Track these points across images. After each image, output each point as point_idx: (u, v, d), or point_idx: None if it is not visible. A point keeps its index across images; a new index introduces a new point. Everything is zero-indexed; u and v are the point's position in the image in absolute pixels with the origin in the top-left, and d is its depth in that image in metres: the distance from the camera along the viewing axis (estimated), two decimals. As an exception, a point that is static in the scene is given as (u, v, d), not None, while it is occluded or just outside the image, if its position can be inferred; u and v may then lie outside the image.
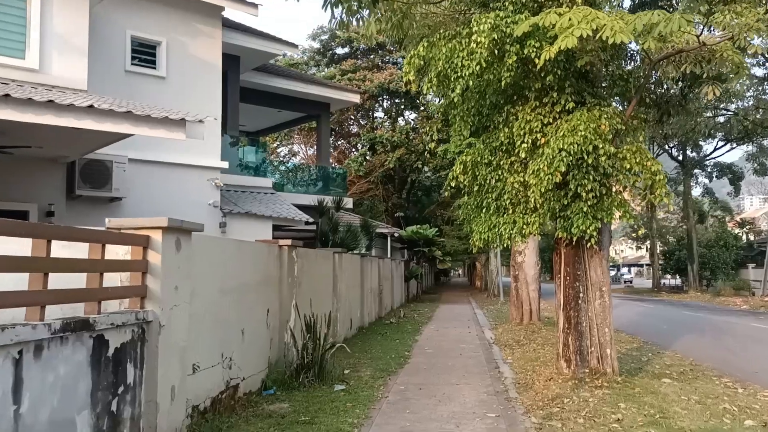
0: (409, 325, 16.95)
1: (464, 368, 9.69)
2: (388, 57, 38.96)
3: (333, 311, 12.25)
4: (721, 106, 29.48)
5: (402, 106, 39.62)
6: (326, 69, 36.19)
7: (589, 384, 7.54)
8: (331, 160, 37.27)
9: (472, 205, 8.46)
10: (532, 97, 7.44)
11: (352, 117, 39.50)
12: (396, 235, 29.50)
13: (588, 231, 6.98)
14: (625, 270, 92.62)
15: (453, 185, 8.22)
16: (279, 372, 8.26)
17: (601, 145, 6.71)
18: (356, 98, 20.10)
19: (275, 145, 40.05)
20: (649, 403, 6.92)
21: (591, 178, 7.05)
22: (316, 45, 38.58)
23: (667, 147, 37.88)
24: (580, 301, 7.80)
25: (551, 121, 7.30)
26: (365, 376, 8.89)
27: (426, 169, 40.89)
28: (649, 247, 47.64)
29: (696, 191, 44.69)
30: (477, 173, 8.00)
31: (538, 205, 7.42)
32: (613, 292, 33.46)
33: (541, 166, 6.85)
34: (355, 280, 15.15)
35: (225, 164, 12.68)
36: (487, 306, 26.26)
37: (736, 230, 46.21)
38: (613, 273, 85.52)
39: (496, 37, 6.45)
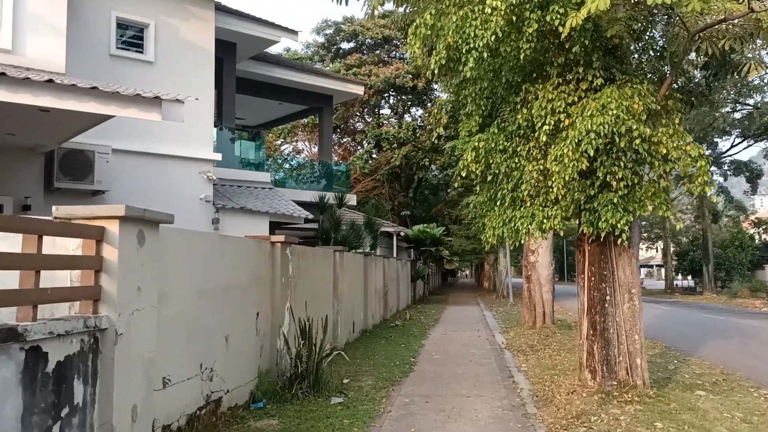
0: (415, 328, 16.11)
1: (475, 377, 8.84)
2: (394, 52, 38.11)
3: (333, 314, 11.43)
4: (740, 100, 28.44)
5: (409, 103, 38.76)
6: (331, 64, 35.37)
7: (617, 398, 6.67)
8: (335, 158, 36.52)
9: (485, 198, 7.61)
10: (554, 73, 6.57)
11: (357, 114, 38.67)
12: (402, 234, 28.64)
13: (619, 225, 6.11)
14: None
15: (463, 175, 7.37)
16: (270, 382, 7.44)
17: (635, 126, 5.84)
18: (360, 90, 19.27)
19: (279, 142, 39.30)
20: (688, 422, 6.05)
21: (622, 164, 6.19)
22: (321, 39, 37.79)
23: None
24: (606, 305, 6.93)
25: (576, 100, 6.43)
26: (366, 387, 8.06)
27: (433, 167, 39.99)
28: (661, 247, 46.40)
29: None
30: (491, 161, 7.14)
31: (560, 197, 6.56)
32: None
33: (565, 151, 5.99)
34: (358, 281, 14.33)
35: (218, 156, 11.89)
36: (496, 308, 25.37)
37: (751, 230, 45.04)
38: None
39: (514, 2, 5.59)
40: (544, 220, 6.57)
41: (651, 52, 6.91)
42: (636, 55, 7.25)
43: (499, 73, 7.00)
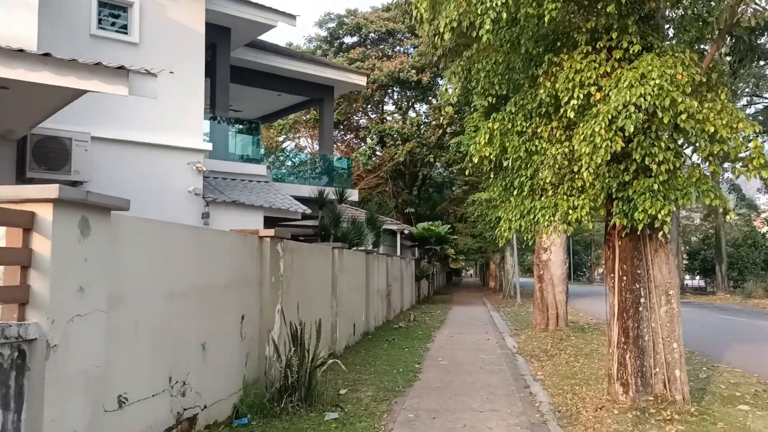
0: (419, 330, 15.25)
1: (487, 387, 7.97)
2: (398, 47, 37.23)
3: (331, 316, 10.59)
4: (757, 93, 27.40)
5: (413, 99, 37.86)
6: (334, 58, 34.48)
7: (654, 416, 5.79)
8: (337, 154, 35.66)
9: (500, 187, 6.75)
10: (582, 40, 5.70)
11: (360, 110, 37.80)
12: (406, 232, 27.78)
13: (660, 215, 5.23)
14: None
15: (475, 161, 6.49)
16: (257, 394, 6.60)
17: (680, 99, 4.96)
18: (362, 81, 18.41)
19: (281, 138, 38.48)
20: (742, 446, 5.17)
21: (663, 145, 5.30)
22: (323, 33, 36.92)
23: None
24: (640, 308, 6.05)
25: (609, 71, 5.56)
26: (366, 399, 7.20)
27: (438, 164, 39.08)
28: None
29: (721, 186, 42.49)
30: (507, 144, 6.27)
31: (588, 184, 5.69)
32: None
33: (597, 129, 5.12)
34: (359, 280, 13.48)
35: (209, 146, 11.06)
36: (503, 308, 24.48)
37: (764, 229, 43.96)
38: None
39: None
40: (570, 211, 5.70)
41: (690, 18, 6.01)
42: (673, 23, 6.36)
43: (517, 44, 6.13)
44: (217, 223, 10.81)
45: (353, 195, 17.37)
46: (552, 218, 5.86)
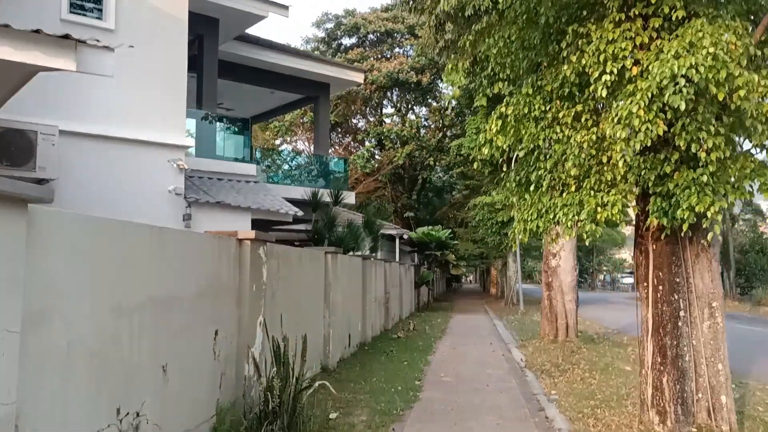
0: (419, 340, 14.35)
1: (496, 409, 7.09)
2: (397, 48, 36.47)
3: (324, 327, 9.71)
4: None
5: (412, 102, 37.04)
6: (332, 59, 33.66)
7: (699, 452, 4.91)
8: (335, 157, 34.81)
9: (513, 182, 5.88)
10: (613, 7, 4.84)
11: (359, 112, 36.98)
12: (405, 237, 26.91)
13: (709, 213, 4.37)
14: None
15: (485, 152, 5.63)
16: (234, 421, 5.71)
17: (737, 72, 4.11)
18: (360, 78, 17.59)
19: (278, 142, 37.65)
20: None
21: (712, 129, 4.44)
22: (321, 33, 36.17)
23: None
24: (680, 323, 5.18)
25: (647, 41, 4.70)
26: (359, 425, 6.32)
27: (438, 168, 38.22)
28: None
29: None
30: (522, 132, 5.41)
31: (619, 177, 4.82)
32: (636, 301, 30.12)
33: (635, 110, 4.27)
34: (355, 288, 12.61)
35: (191, 142, 10.21)
36: (506, 316, 23.56)
37: (769, 235, 43.10)
38: (630, 280, 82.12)
39: None
40: (598, 209, 4.82)
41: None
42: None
43: (534, 15, 5.28)
44: (199, 225, 9.92)
45: (350, 197, 16.50)
46: (576, 217, 4.99)
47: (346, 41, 36.70)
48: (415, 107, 37.71)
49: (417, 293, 25.86)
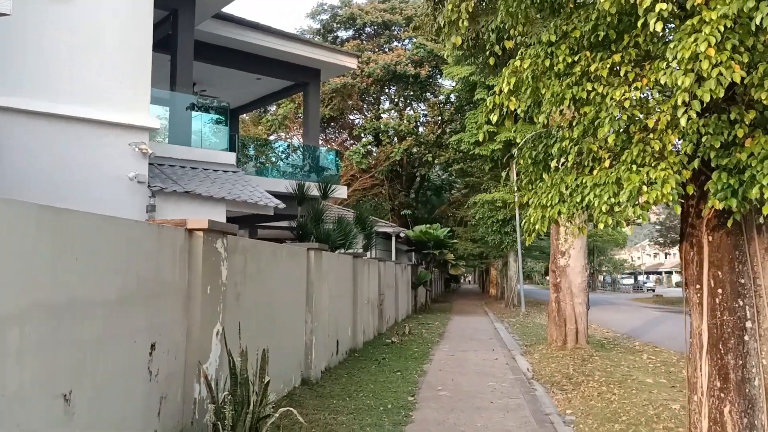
0: (415, 345, 13.18)
1: (503, 436, 5.92)
2: (395, 41, 35.30)
3: (305, 334, 8.54)
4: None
5: (411, 98, 35.83)
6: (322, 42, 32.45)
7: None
8: (325, 146, 33.65)
9: (528, 159, 4.72)
10: None
11: (355, 106, 35.77)
12: (402, 235, 25.74)
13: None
14: (642, 278, 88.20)
15: (494, 120, 4.46)
16: (177, 456, 4.55)
17: None
18: (353, 63, 16.43)
19: (272, 137, 36.44)
20: None
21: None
22: (316, 25, 34.97)
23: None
24: (746, 337, 4.03)
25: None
26: (336, 459, 5.14)
27: (437, 164, 37.01)
28: (672, 252, 43.15)
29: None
30: (542, 91, 4.25)
31: (669, 146, 3.66)
32: (642, 302, 29.09)
33: (703, 48, 3.11)
34: (344, 288, 11.44)
35: (155, 123, 9.02)
36: (507, 318, 22.42)
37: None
38: (630, 281, 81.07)
39: None
40: (643, 188, 3.66)
41: None
42: None
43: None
44: (165, 217, 8.75)
45: (341, 191, 15.34)
46: (612, 200, 3.82)
47: (343, 34, 35.56)
48: (413, 103, 36.52)
49: (414, 294, 24.70)
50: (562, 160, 4.59)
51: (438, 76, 33.69)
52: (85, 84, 8.34)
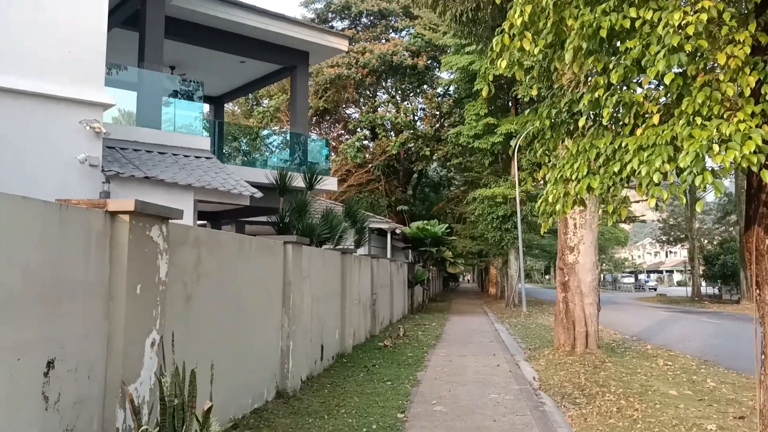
0: (409, 349, 12.11)
1: (510, 468, 4.84)
2: (391, 32, 34.18)
3: (281, 339, 7.46)
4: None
5: (408, 91, 34.68)
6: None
7: None
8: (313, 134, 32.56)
9: (546, 118, 3.64)
10: None
11: (351, 99, 34.62)
12: (398, 231, 24.65)
13: None
14: (643, 276, 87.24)
15: (502, 67, 3.39)
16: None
17: None
18: (344, 45, 15.33)
19: (266, 132, 35.29)
20: None
21: None
22: (310, 15, 33.80)
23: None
24: None
25: None
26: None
27: (435, 159, 35.88)
28: (673, 250, 41.93)
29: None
30: (568, 22, 3.17)
31: (748, 90, 2.58)
32: (646, 302, 27.84)
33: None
34: (331, 288, 10.38)
35: (110, 99, 7.92)
36: (508, 318, 21.37)
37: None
38: (631, 280, 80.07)
39: None
40: (713, 148, 2.58)
41: None
42: None
43: None
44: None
45: (330, 183, 14.25)
46: (668, 166, 2.74)
47: (338, 24, 34.42)
48: (410, 95, 35.39)
49: (410, 293, 23.63)
50: (589, 123, 3.50)
51: (436, 67, 32.60)
52: (29, 54, 7.25)
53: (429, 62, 31.05)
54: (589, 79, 3.36)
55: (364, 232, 14.50)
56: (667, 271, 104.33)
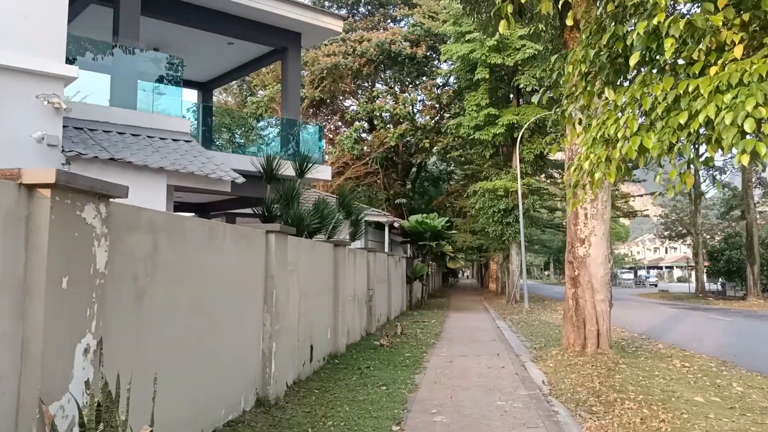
0: (407, 349, 11.32)
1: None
2: (390, 21, 33.27)
3: (263, 341, 6.66)
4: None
5: (407, 82, 33.77)
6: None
7: None
8: (323, 142, 31.76)
9: (583, 63, 2.81)
10: None
11: (348, 91, 33.71)
12: (396, 225, 23.85)
13: None
14: (643, 272, 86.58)
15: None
16: None
17: None
18: (338, 26, 14.49)
19: (261, 124, 34.42)
20: None
21: None
22: (305, 1, 32.85)
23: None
24: None
25: None
26: None
27: (434, 151, 35.00)
28: (673, 246, 40.95)
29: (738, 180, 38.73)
30: None
31: None
32: (649, 298, 26.96)
33: None
34: (322, 283, 9.57)
35: (72, 71, 7.07)
36: (510, 315, 20.59)
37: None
38: (630, 276, 79.32)
39: None
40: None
41: None
42: None
43: None
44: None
45: (323, 172, 13.43)
46: (764, 110, 1.93)
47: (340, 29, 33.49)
48: (409, 86, 34.50)
49: (409, 289, 22.84)
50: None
51: (435, 58, 31.72)
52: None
53: (429, 53, 30.15)
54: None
55: (359, 225, 13.68)
56: (666, 267, 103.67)
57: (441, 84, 33.19)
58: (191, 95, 17.16)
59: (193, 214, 17.85)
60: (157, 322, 4.38)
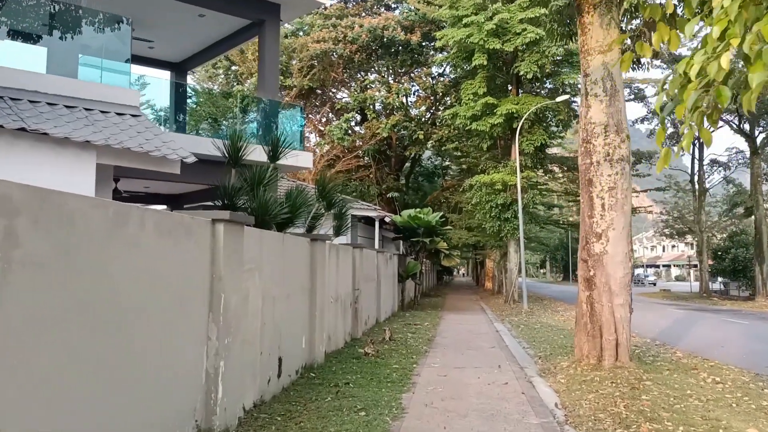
0: (395, 358, 9.93)
1: None
2: (383, 8, 31.81)
3: (206, 358, 5.24)
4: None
5: (401, 72, 32.33)
6: (306, 15, 28.90)
7: None
8: (307, 129, 30.24)
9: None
10: None
11: (339, 81, 32.22)
12: (387, 220, 22.44)
13: None
14: (641, 271, 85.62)
15: None
16: None
17: None
18: (322, -2, 13.08)
19: (250, 118, 32.96)
20: None
21: None
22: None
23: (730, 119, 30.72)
24: None
25: None
26: None
27: (429, 144, 33.57)
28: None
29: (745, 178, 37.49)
30: None
31: None
32: (651, 298, 25.34)
33: None
34: (294, 283, 8.16)
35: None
36: (508, 317, 19.23)
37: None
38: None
39: None
40: None
41: None
42: None
43: None
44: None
45: (302, 158, 11.99)
46: None
47: (326, 0, 31.99)
48: (403, 76, 33.04)
49: (401, 288, 21.45)
50: None
51: (431, 46, 30.28)
52: None
53: (423, 42, 28.70)
54: None
55: (344, 218, 12.25)
56: (664, 266, 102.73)
57: (436, 74, 31.76)
58: (163, 75, 15.69)
59: (165, 206, 16.39)
60: (21, 343, 2.96)
